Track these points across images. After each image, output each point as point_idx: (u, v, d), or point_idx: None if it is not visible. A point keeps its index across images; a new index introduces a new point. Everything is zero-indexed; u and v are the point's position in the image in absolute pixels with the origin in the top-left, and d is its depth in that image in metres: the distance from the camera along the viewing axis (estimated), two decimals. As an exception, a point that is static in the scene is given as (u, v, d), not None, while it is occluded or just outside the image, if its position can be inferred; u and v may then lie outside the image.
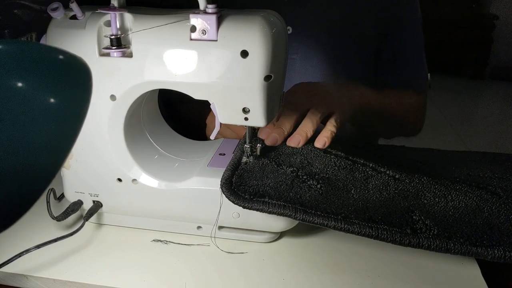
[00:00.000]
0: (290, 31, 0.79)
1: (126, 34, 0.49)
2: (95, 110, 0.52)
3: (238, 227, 0.55)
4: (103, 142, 0.54)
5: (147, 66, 0.49)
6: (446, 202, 0.51)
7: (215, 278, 0.51)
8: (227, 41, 0.46)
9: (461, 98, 3.44)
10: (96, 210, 0.57)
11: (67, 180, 0.58)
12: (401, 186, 0.53)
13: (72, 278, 0.50)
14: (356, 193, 0.52)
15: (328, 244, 0.56)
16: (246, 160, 0.55)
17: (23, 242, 0.53)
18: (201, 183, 0.54)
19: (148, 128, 0.60)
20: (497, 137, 2.69)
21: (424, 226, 0.47)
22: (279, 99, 0.53)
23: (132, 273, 0.51)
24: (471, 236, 0.46)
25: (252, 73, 0.47)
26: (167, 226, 0.58)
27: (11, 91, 0.29)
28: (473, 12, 3.70)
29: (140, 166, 0.55)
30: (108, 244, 0.56)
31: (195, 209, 0.55)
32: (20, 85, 0.29)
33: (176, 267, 0.52)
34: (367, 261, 0.53)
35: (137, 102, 0.53)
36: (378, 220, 0.47)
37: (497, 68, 3.74)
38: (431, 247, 0.45)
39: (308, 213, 0.48)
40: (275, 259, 0.54)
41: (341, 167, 0.56)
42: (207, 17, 0.46)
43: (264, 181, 0.52)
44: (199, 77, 0.48)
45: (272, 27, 0.47)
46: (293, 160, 0.56)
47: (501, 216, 0.49)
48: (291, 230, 0.56)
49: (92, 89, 0.34)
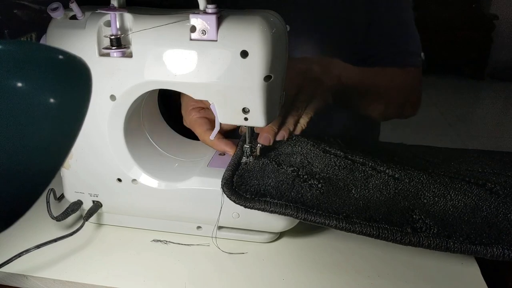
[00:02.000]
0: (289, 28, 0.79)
1: (126, 34, 0.49)
2: (95, 110, 0.52)
3: (238, 227, 0.55)
4: (103, 142, 0.54)
5: (147, 66, 0.49)
6: (445, 201, 0.51)
7: (215, 278, 0.51)
8: (227, 41, 0.46)
9: (461, 98, 3.44)
10: (96, 210, 0.57)
11: (67, 180, 0.58)
12: (401, 186, 0.53)
13: (72, 278, 0.50)
14: (357, 193, 0.52)
15: (327, 244, 0.56)
16: (246, 160, 0.55)
17: (23, 242, 0.53)
18: (201, 183, 0.54)
19: (148, 128, 0.60)
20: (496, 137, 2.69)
21: (424, 225, 0.47)
22: (279, 99, 0.53)
23: (132, 273, 0.51)
24: (470, 234, 0.46)
25: (252, 73, 0.47)
26: (167, 226, 0.58)
27: (11, 91, 0.29)
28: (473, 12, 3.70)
29: (140, 166, 0.55)
30: (108, 244, 0.56)
31: (195, 209, 0.55)
32: (20, 85, 0.29)
33: (176, 267, 0.52)
34: (367, 261, 0.53)
35: (137, 102, 0.53)
36: (379, 219, 0.48)
37: (497, 68, 3.74)
38: (431, 245, 0.46)
39: (310, 212, 0.48)
40: (275, 259, 0.54)
41: (341, 166, 0.56)
42: (207, 17, 0.46)
43: (265, 180, 0.52)
44: (199, 77, 0.48)
45: (272, 27, 0.47)
46: (293, 160, 0.56)
47: (500, 215, 0.49)
48: (291, 230, 0.56)
49: (92, 89, 0.34)
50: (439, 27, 3.37)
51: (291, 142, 0.60)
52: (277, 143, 0.60)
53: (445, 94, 3.34)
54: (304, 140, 0.60)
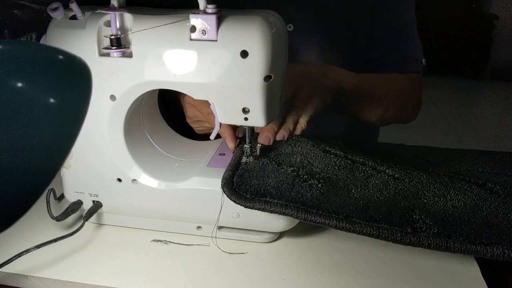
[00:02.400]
0: (291, 28, 0.80)
1: (126, 34, 0.49)
2: (95, 110, 0.52)
3: (238, 227, 0.55)
4: (103, 142, 0.54)
5: (147, 66, 0.49)
6: (445, 201, 0.51)
7: (215, 278, 0.51)
8: (227, 41, 0.46)
9: (461, 98, 3.44)
10: (96, 210, 0.57)
11: (67, 180, 0.58)
12: (401, 186, 0.53)
13: (72, 278, 0.50)
14: (357, 193, 0.52)
15: (327, 244, 0.56)
16: (246, 160, 0.56)
17: (23, 242, 0.53)
18: (201, 183, 0.54)
19: (148, 128, 0.60)
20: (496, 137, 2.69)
21: (424, 225, 0.47)
22: (279, 99, 0.53)
23: (132, 273, 0.51)
24: (470, 234, 0.46)
25: (252, 73, 0.47)
26: (167, 226, 0.58)
27: (11, 91, 0.29)
28: (473, 12, 3.70)
29: (140, 166, 0.55)
30: (108, 244, 0.56)
31: (195, 209, 0.55)
32: (20, 85, 0.29)
33: (176, 267, 0.52)
34: (367, 261, 0.53)
35: (137, 102, 0.53)
36: (379, 219, 0.48)
37: (496, 68, 3.74)
38: (431, 245, 0.46)
39: (310, 212, 0.48)
40: (275, 259, 0.54)
41: (341, 166, 0.56)
42: (207, 17, 0.46)
43: (265, 180, 0.52)
44: (199, 77, 0.48)
45: (272, 27, 0.47)
46: (293, 160, 0.56)
47: (500, 215, 0.49)
48: (291, 230, 0.56)
49: (92, 89, 0.34)
50: (439, 27, 3.38)
51: (291, 142, 0.60)
52: (277, 143, 0.60)
53: (445, 94, 3.34)
54: (304, 140, 0.60)
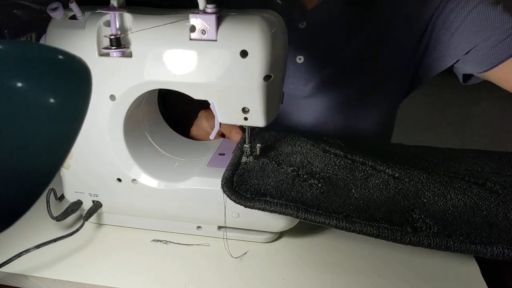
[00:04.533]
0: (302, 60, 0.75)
1: (125, 34, 0.49)
2: (95, 110, 0.52)
3: (238, 227, 0.55)
4: (103, 142, 0.54)
5: (147, 66, 0.49)
6: (445, 201, 0.51)
7: (214, 278, 0.51)
8: (227, 41, 0.46)
9: (460, 98, 3.44)
10: (96, 210, 0.57)
11: (67, 180, 0.58)
12: (400, 185, 0.53)
13: (71, 278, 0.50)
14: (357, 192, 0.52)
15: (327, 243, 0.56)
16: (246, 160, 0.56)
17: (23, 242, 0.53)
18: (201, 183, 0.54)
19: (148, 128, 0.60)
20: (496, 137, 2.69)
21: (424, 225, 0.47)
22: (278, 99, 0.53)
23: (132, 273, 0.51)
24: (470, 234, 0.46)
25: (251, 73, 0.47)
26: (167, 226, 0.58)
27: (11, 91, 0.29)
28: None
29: (140, 166, 0.55)
30: (108, 244, 0.56)
31: (195, 209, 0.55)
32: (20, 85, 0.29)
33: (175, 267, 0.52)
34: (366, 260, 0.53)
35: (137, 102, 0.53)
36: (379, 219, 0.48)
37: (496, 68, 3.73)
38: (431, 245, 0.46)
39: (310, 212, 0.48)
40: (275, 259, 0.54)
41: (341, 166, 0.56)
42: (206, 17, 0.46)
43: (265, 180, 0.52)
44: (199, 77, 0.48)
45: (272, 27, 0.47)
46: (293, 160, 0.56)
47: (500, 214, 0.49)
48: (291, 230, 0.56)
49: (92, 89, 0.34)
50: (439, 27, 3.37)
51: (291, 142, 0.60)
52: (277, 142, 0.60)
53: (445, 94, 3.34)
54: (304, 139, 0.60)
